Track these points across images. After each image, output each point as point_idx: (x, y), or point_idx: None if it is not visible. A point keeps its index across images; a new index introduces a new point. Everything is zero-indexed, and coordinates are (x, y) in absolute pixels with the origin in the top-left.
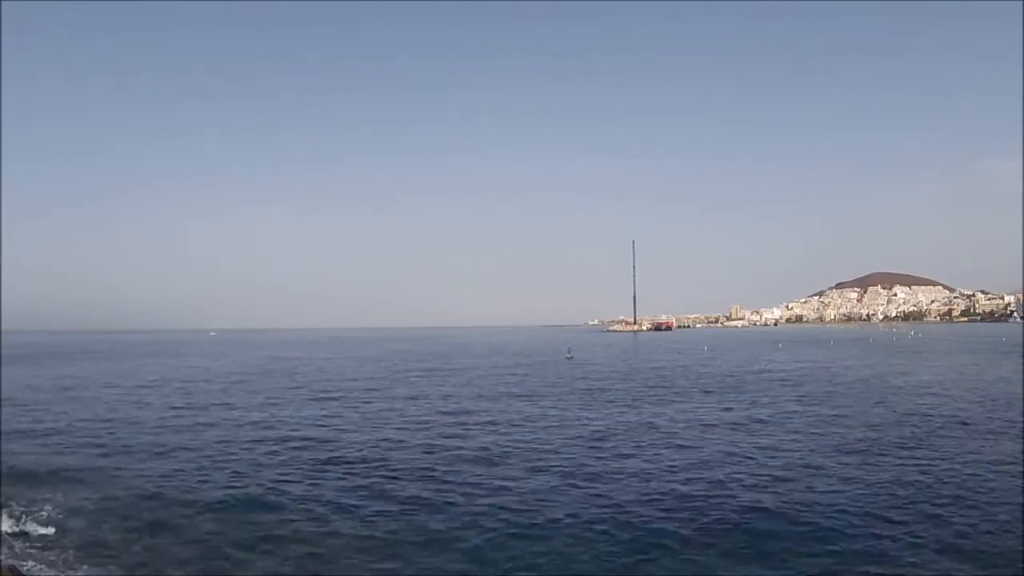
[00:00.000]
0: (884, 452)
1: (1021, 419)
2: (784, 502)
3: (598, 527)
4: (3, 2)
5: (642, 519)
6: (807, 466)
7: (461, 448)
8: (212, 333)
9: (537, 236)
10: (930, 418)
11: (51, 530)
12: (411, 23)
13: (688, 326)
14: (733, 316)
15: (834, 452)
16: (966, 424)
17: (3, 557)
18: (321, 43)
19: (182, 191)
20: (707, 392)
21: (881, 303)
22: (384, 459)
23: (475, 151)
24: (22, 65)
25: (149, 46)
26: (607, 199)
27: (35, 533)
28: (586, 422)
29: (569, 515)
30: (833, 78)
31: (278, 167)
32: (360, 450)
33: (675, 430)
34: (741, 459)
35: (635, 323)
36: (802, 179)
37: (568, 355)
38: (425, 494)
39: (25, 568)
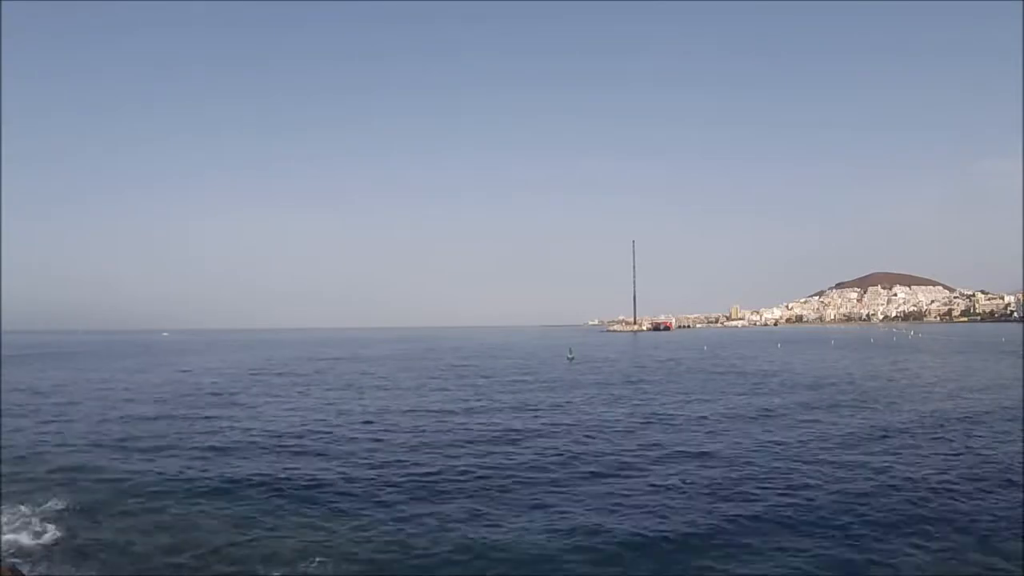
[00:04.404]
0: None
1: (1022, 417)
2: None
3: None
4: (3, 2)
5: None
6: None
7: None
8: (165, 334)
9: (537, 236)
10: (941, 415)
11: (53, 530)
12: (411, 23)
13: (688, 326)
14: (733, 316)
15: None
16: (973, 421)
17: (3, 557)
18: (321, 43)
19: (182, 191)
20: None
21: (881, 303)
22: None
23: (475, 151)
24: (22, 65)
25: (149, 46)
26: (607, 199)
27: (36, 533)
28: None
29: None
30: (833, 78)
31: (277, 167)
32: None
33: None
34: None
35: (635, 323)
36: (802, 179)
37: (569, 355)
38: None
39: (25, 568)
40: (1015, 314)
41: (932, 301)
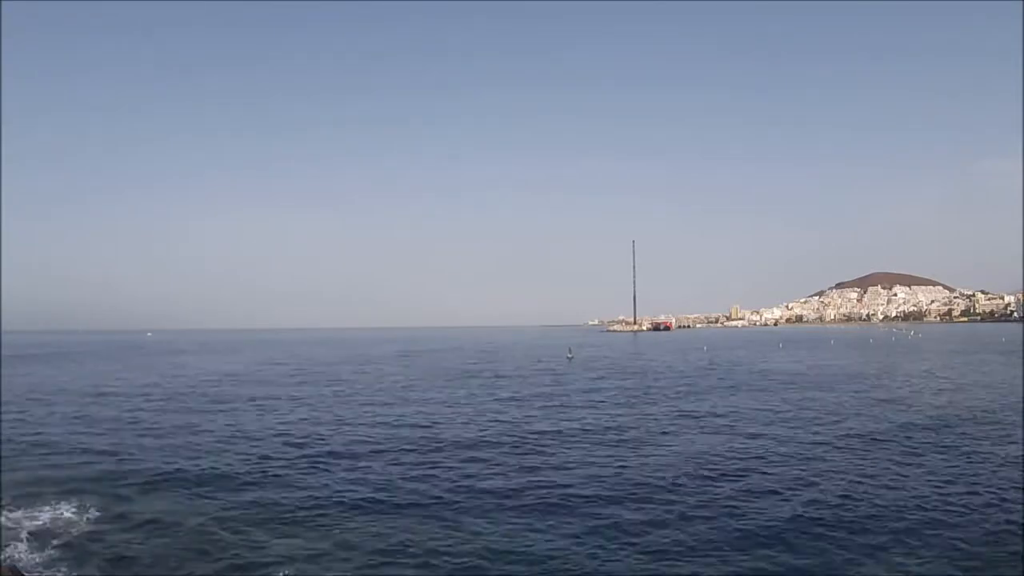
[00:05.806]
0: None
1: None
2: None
3: None
4: (3, 2)
5: None
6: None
7: None
8: (149, 334)
9: (537, 236)
10: (941, 414)
11: (53, 530)
12: (411, 23)
13: (688, 326)
14: (733, 316)
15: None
16: (974, 422)
17: (3, 557)
18: (319, 43)
19: (182, 191)
20: None
21: (881, 303)
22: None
23: (475, 151)
24: (22, 65)
25: (149, 46)
26: (607, 199)
27: (37, 533)
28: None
29: None
30: (833, 78)
31: (277, 167)
32: None
33: None
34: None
35: (635, 323)
36: (802, 179)
37: (569, 355)
38: None
39: (25, 568)
40: (1015, 314)
41: (932, 301)
